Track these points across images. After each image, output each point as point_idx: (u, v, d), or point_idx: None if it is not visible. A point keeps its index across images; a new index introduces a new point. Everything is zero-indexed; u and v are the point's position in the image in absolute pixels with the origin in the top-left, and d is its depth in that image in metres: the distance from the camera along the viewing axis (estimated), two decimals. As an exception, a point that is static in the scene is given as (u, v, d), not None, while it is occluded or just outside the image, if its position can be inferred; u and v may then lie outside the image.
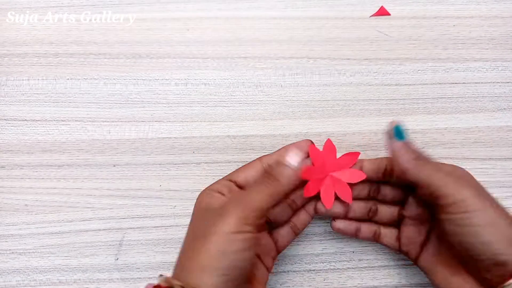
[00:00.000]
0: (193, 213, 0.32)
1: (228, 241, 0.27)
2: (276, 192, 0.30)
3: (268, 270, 0.35)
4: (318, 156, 0.36)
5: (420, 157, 0.31)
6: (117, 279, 0.40)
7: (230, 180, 0.33)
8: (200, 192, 0.33)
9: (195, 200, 0.33)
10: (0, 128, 0.43)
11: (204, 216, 0.31)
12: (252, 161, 0.35)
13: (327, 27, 0.46)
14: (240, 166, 0.42)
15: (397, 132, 0.31)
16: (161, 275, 0.29)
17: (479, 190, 0.29)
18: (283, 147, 0.35)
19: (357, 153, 0.36)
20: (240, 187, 0.33)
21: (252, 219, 0.28)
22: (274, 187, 0.29)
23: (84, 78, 0.45)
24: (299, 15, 0.47)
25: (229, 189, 0.32)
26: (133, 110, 0.44)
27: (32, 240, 0.41)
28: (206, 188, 0.33)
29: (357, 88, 0.45)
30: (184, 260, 0.29)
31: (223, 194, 0.32)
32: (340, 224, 0.36)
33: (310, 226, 0.41)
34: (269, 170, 0.31)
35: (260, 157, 0.35)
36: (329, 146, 0.37)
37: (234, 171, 0.34)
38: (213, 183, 0.33)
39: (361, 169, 0.35)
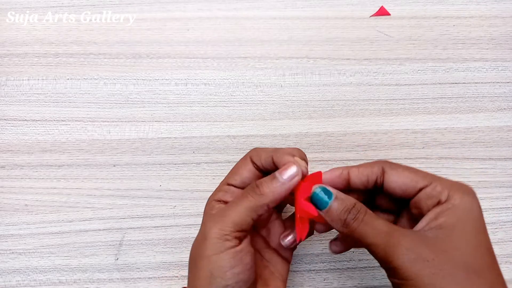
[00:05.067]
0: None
1: (212, 263, 0.27)
2: (257, 206, 0.28)
3: (288, 261, 0.34)
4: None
5: (349, 219, 0.27)
6: (117, 279, 0.40)
7: (229, 184, 0.32)
8: (206, 203, 0.32)
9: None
10: (0, 128, 0.43)
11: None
12: (241, 160, 0.33)
13: (327, 27, 0.46)
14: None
15: (317, 202, 0.28)
16: None
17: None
18: (275, 152, 0.31)
19: (319, 173, 0.30)
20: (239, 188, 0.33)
21: (231, 234, 0.28)
22: (256, 200, 0.28)
23: (84, 78, 0.45)
24: (299, 15, 0.47)
25: (231, 194, 0.32)
26: (133, 110, 0.44)
27: (32, 240, 0.41)
28: (210, 198, 0.32)
29: (357, 88, 0.45)
30: (188, 282, 0.30)
31: (226, 202, 0.31)
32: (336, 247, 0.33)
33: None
34: (258, 183, 0.29)
35: (247, 154, 0.32)
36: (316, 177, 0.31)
37: (230, 174, 0.33)
38: (215, 192, 0.32)
39: (346, 180, 0.30)
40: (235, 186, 0.32)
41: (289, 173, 0.29)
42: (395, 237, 0.26)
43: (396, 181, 0.29)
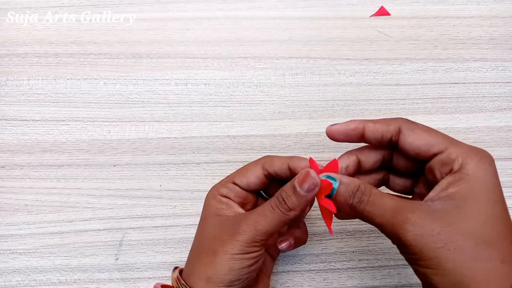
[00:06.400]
0: (203, 216, 0.33)
1: (235, 260, 0.29)
2: (287, 220, 0.30)
3: (274, 259, 0.36)
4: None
5: (355, 203, 0.28)
6: (117, 279, 0.40)
7: (234, 183, 0.33)
8: (207, 193, 0.33)
9: (204, 201, 0.33)
10: (0, 128, 0.43)
11: (214, 223, 0.31)
12: (252, 163, 0.33)
13: (327, 27, 0.46)
14: (240, 166, 0.42)
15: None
16: (176, 267, 0.32)
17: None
18: (290, 158, 0.32)
19: (335, 161, 0.31)
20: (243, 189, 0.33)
21: (260, 241, 0.29)
22: (286, 215, 0.29)
23: (84, 78, 0.45)
24: (299, 15, 0.47)
25: (235, 193, 0.33)
26: (133, 110, 0.44)
27: (32, 240, 0.41)
28: (213, 189, 0.33)
29: (357, 88, 0.45)
30: (192, 266, 0.31)
31: (230, 199, 0.33)
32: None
33: (310, 226, 0.41)
34: (283, 196, 0.30)
35: (260, 160, 0.33)
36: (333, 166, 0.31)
37: (236, 173, 0.33)
38: (219, 185, 0.33)
39: (361, 134, 0.30)
40: (239, 187, 0.33)
41: (309, 185, 0.29)
42: (402, 214, 0.26)
43: (410, 143, 0.28)
